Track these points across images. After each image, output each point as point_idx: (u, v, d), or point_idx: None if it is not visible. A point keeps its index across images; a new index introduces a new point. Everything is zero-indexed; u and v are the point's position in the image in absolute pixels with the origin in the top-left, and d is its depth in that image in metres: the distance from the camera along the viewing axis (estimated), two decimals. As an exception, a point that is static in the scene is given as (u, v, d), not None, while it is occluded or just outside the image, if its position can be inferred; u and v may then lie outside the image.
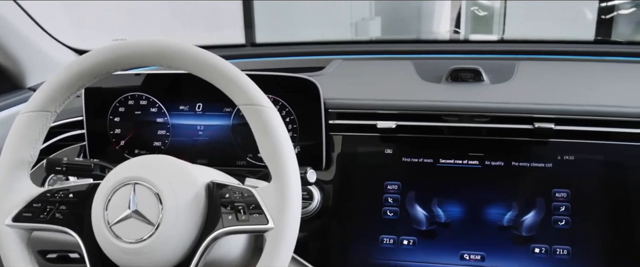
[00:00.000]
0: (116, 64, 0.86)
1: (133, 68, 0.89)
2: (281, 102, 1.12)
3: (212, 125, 1.16)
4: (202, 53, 0.83)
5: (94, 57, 0.85)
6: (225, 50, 1.46)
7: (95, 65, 0.85)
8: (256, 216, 0.80)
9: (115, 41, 0.87)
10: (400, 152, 1.11)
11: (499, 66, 1.21)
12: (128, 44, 0.85)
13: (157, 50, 0.83)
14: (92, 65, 0.85)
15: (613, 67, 1.28)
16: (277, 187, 0.80)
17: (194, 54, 0.83)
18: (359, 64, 1.33)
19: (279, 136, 0.81)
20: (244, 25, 3.58)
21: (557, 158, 1.06)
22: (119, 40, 0.89)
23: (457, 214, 1.08)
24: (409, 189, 1.10)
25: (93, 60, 0.85)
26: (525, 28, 4.49)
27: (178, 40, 0.83)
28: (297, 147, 1.13)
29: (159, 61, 0.84)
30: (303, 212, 1.10)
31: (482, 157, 1.09)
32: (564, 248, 1.04)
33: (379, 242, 1.10)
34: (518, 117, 1.07)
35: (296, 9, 4.20)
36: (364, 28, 4.56)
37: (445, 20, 5.01)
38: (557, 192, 1.05)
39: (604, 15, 3.73)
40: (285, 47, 1.49)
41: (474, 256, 1.06)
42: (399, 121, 1.10)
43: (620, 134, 1.05)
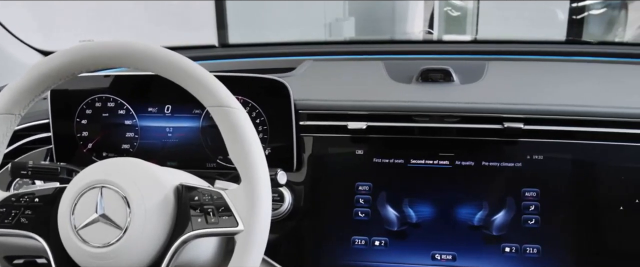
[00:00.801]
0: (82, 66, 0.85)
1: (99, 70, 0.89)
2: (251, 103, 1.12)
3: (181, 127, 1.16)
4: (169, 54, 0.82)
5: (59, 59, 0.85)
6: (195, 51, 1.46)
7: (60, 67, 0.85)
8: (226, 219, 0.80)
9: (82, 42, 0.87)
10: (371, 153, 1.12)
11: (469, 66, 1.23)
12: (94, 45, 0.84)
13: (123, 52, 0.83)
14: (58, 67, 0.85)
15: (583, 67, 1.30)
16: (247, 189, 0.80)
17: (161, 55, 0.82)
18: (329, 64, 1.34)
19: (247, 138, 0.81)
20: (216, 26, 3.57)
21: (527, 157, 1.08)
22: (85, 41, 0.88)
23: (428, 214, 1.10)
24: (380, 189, 1.11)
25: (58, 61, 0.85)
26: (498, 28, 4.54)
27: (144, 41, 0.83)
28: (267, 148, 1.13)
29: (125, 63, 0.84)
30: (274, 213, 1.10)
31: (453, 157, 1.10)
32: (534, 247, 1.05)
33: (351, 243, 1.10)
34: (487, 117, 1.09)
35: (269, 10, 4.19)
36: (338, 29, 4.57)
37: (418, 20, 5.05)
38: (526, 192, 1.07)
39: (575, 16, 3.78)
40: (256, 48, 1.49)
41: (445, 255, 1.08)
42: (369, 122, 1.11)
43: (589, 133, 1.07)
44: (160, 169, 0.88)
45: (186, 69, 0.82)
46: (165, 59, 0.82)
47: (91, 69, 0.86)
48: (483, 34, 4.67)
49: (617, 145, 1.05)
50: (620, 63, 1.32)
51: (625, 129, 1.05)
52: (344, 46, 1.45)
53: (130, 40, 0.83)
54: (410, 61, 1.29)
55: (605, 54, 1.37)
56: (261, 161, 0.81)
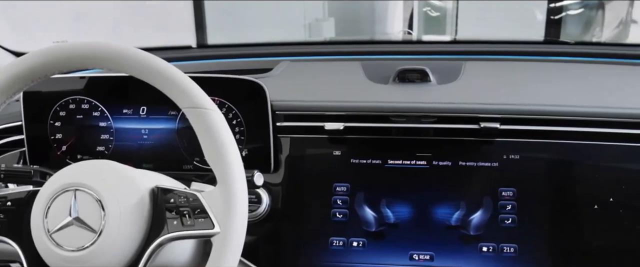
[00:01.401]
0: (55, 67, 0.85)
1: (73, 71, 0.88)
2: (227, 104, 1.12)
3: (157, 128, 1.16)
4: (143, 55, 0.82)
5: (32, 60, 0.84)
6: (171, 52, 1.45)
7: (32, 68, 0.84)
8: (202, 221, 0.80)
9: (55, 43, 0.86)
10: (349, 154, 1.13)
11: (446, 66, 1.24)
12: (67, 47, 0.83)
13: (96, 53, 0.82)
14: (30, 68, 0.84)
15: (560, 67, 1.32)
16: (223, 191, 0.80)
17: (135, 56, 0.82)
18: (307, 65, 1.34)
19: (223, 139, 0.81)
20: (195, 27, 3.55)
21: (503, 157, 1.09)
22: (59, 42, 0.88)
23: (406, 215, 1.10)
24: (357, 190, 1.12)
25: (30, 62, 0.84)
26: (478, 28, 4.57)
27: (118, 43, 0.83)
28: (244, 150, 1.13)
29: (99, 64, 0.83)
30: (251, 215, 1.10)
31: (430, 158, 1.11)
32: (511, 246, 1.06)
33: (329, 244, 1.11)
34: (464, 117, 1.10)
35: (249, 10, 4.19)
36: (318, 29, 4.58)
37: (398, 21, 5.06)
38: (503, 191, 1.08)
39: (553, 16, 3.82)
40: (233, 48, 1.49)
41: (423, 256, 1.08)
42: (346, 123, 1.12)
43: (565, 133, 1.08)
44: (136, 171, 0.87)
45: (160, 70, 0.82)
46: (139, 60, 0.82)
47: (64, 71, 0.86)
48: (462, 34, 4.70)
49: (593, 144, 1.07)
50: (597, 63, 1.34)
51: (600, 129, 1.07)
52: (322, 47, 1.46)
53: (103, 41, 0.83)
54: (387, 62, 1.30)
55: (583, 54, 1.39)
56: (237, 163, 0.81)
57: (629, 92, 1.15)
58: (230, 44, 1.56)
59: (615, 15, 4.54)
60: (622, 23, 4.54)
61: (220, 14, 3.94)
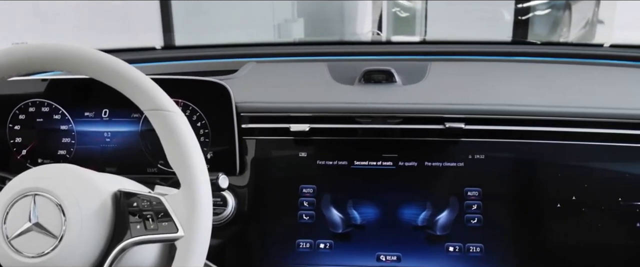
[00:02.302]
0: (12, 69, 0.84)
1: (31, 73, 0.87)
2: (191, 106, 1.12)
3: (120, 131, 1.15)
4: (103, 57, 0.82)
5: (-11, 62, 0.83)
6: (134, 53, 1.44)
7: (-10, 70, 0.83)
8: (165, 225, 0.80)
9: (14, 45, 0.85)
10: (315, 155, 1.13)
11: (411, 67, 1.25)
12: (24, 48, 0.83)
13: (55, 55, 0.82)
14: (-13, 71, 0.83)
15: (526, 67, 1.34)
16: (187, 194, 0.80)
17: (94, 57, 0.81)
18: (272, 66, 1.34)
19: (186, 142, 0.81)
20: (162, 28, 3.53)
21: (469, 157, 1.10)
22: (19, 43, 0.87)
23: (373, 216, 1.11)
24: (324, 192, 1.12)
25: (-12, 65, 0.83)
26: (447, 29, 4.62)
27: (77, 44, 0.82)
28: (209, 152, 1.13)
29: (58, 66, 0.83)
30: (217, 218, 1.10)
31: (396, 158, 1.12)
32: (477, 246, 1.08)
33: (296, 247, 1.11)
34: (429, 118, 1.11)
35: (217, 11, 4.18)
36: (287, 30, 4.58)
37: (367, 21, 5.10)
38: (469, 191, 1.10)
39: (521, 17, 3.88)
40: (199, 49, 1.48)
41: (390, 256, 1.09)
42: (312, 124, 1.12)
43: (528, 133, 1.10)
44: (97, 175, 0.87)
45: (120, 72, 0.82)
46: (99, 62, 0.81)
47: (23, 73, 0.85)
48: (432, 34, 4.75)
49: (556, 143, 1.09)
50: (563, 63, 1.36)
51: (563, 128, 1.08)
52: (287, 48, 1.46)
53: (63, 42, 0.82)
54: (353, 62, 1.30)
55: (549, 54, 1.41)
56: (200, 165, 0.81)
57: (593, 92, 1.17)
58: (196, 45, 1.55)
59: (582, 16, 4.62)
60: (588, 23, 4.63)
61: (188, 15, 3.93)
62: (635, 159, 1.07)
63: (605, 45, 1.44)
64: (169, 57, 1.43)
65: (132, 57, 1.38)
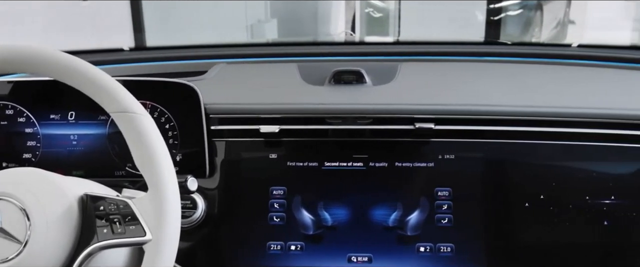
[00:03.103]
0: None
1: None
2: (160, 108, 1.11)
3: (86, 134, 1.14)
4: (67, 58, 0.81)
5: (-49, 64, 0.82)
6: (102, 55, 1.43)
7: (-48, 73, 0.82)
8: (133, 228, 0.79)
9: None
10: (285, 157, 1.13)
11: (381, 68, 1.26)
12: None
13: (17, 56, 0.81)
14: (-52, 73, 0.82)
15: (496, 67, 1.35)
16: (154, 197, 0.80)
17: (58, 59, 0.81)
18: (242, 67, 1.34)
19: (153, 144, 0.81)
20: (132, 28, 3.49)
21: (439, 157, 1.11)
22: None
23: (344, 217, 1.11)
24: (295, 193, 1.12)
25: (-51, 67, 0.82)
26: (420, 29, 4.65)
27: (41, 45, 0.81)
28: (178, 154, 1.12)
29: (21, 68, 0.82)
30: (187, 221, 1.10)
31: (366, 159, 1.12)
32: (448, 246, 1.09)
33: (266, 249, 1.11)
34: (399, 118, 1.11)
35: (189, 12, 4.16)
36: (260, 30, 4.57)
37: (341, 22, 5.11)
38: (439, 191, 1.11)
39: (493, 17, 3.91)
40: (167, 51, 1.48)
41: (361, 257, 1.10)
42: (282, 125, 1.12)
43: (497, 132, 1.11)
44: (63, 178, 0.86)
45: (85, 74, 0.81)
46: (63, 64, 0.81)
47: (-17, 75, 0.84)
48: (406, 35, 4.78)
49: (524, 143, 1.10)
50: (533, 63, 1.38)
51: (531, 128, 1.10)
52: (257, 48, 1.45)
53: (26, 43, 0.81)
54: (323, 63, 1.31)
55: (520, 54, 1.43)
56: (168, 168, 0.81)
57: (560, 92, 1.19)
58: (165, 46, 1.54)
59: (554, 16, 4.68)
60: (560, 23, 4.69)
61: (160, 16, 3.90)
62: (602, 158, 1.10)
63: (573, 45, 1.46)
64: (138, 59, 1.42)
65: (100, 58, 1.36)
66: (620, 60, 1.35)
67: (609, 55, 1.36)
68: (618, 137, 1.09)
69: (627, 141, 1.09)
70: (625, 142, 1.09)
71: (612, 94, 1.19)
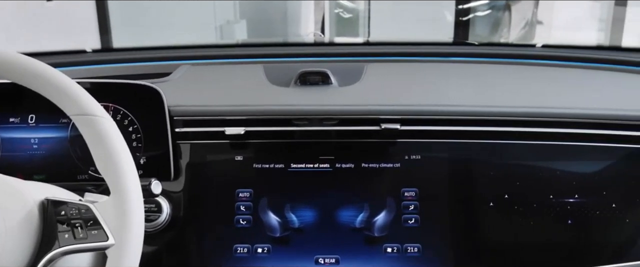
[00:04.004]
0: None
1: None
2: (123, 110, 1.11)
3: (47, 138, 1.12)
4: (26, 60, 0.80)
5: None
6: (65, 56, 1.41)
7: None
8: (95, 233, 0.78)
9: None
10: (251, 159, 1.13)
11: (347, 68, 1.26)
12: None
13: None
14: None
15: (462, 67, 1.36)
16: (116, 201, 0.79)
17: (17, 61, 0.80)
18: (207, 68, 1.33)
19: (115, 147, 0.80)
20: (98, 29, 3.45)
21: (405, 158, 1.12)
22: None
23: (311, 219, 1.12)
24: (261, 195, 1.12)
25: None
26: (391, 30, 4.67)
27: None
28: (142, 157, 1.12)
29: None
30: (152, 225, 1.09)
31: (333, 160, 1.13)
32: (415, 246, 1.10)
33: (233, 252, 1.11)
34: (365, 119, 1.12)
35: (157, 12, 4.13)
36: (229, 31, 4.56)
37: (310, 23, 5.12)
38: (406, 192, 1.11)
39: (461, 18, 3.95)
40: (132, 52, 1.47)
41: (329, 259, 1.10)
42: (247, 127, 1.12)
43: (462, 132, 1.12)
44: (23, 183, 0.85)
45: (44, 76, 0.80)
46: (22, 66, 0.80)
47: (-61, 78, 0.83)
48: (375, 36, 4.80)
49: (488, 143, 1.12)
50: (499, 63, 1.40)
51: (495, 127, 1.12)
52: (223, 49, 1.45)
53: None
54: (290, 64, 1.31)
55: (486, 54, 1.45)
56: (130, 171, 0.81)
57: (525, 92, 1.21)
58: (129, 47, 1.53)
59: (522, 16, 4.75)
60: (528, 24, 4.76)
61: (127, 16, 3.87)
62: (565, 157, 1.11)
63: (538, 45, 1.48)
64: (101, 60, 1.40)
65: (61, 60, 1.35)
66: (583, 60, 1.37)
67: (572, 56, 1.38)
68: (580, 136, 1.11)
69: (590, 140, 1.11)
70: (587, 141, 1.11)
71: (575, 94, 1.22)
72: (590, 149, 1.12)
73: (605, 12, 4.58)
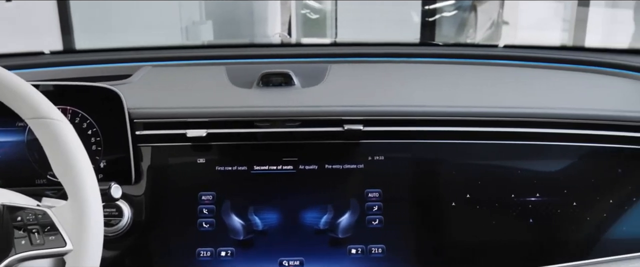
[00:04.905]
0: None
1: None
2: (81, 113, 1.09)
3: (4, 141, 1.11)
4: None
5: None
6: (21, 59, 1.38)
7: None
8: (52, 239, 0.78)
9: None
10: (213, 161, 1.13)
11: (310, 70, 1.27)
12: None
13: None
14: None
15: (426, 68, 1.37)
16: (74, 206, 0.79)
17: None
18: (168, 70, 1.32)
19: (72, 151, 0.79)
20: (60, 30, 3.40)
21: (368, 159, 1.13)
22: None
23: (275, 221, 1.12)
24: (224, 198, 1.12)
25: None
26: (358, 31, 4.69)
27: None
28: (102, 161, 1.11)
29: None
30: (113, 229, 1.08)
31: (296, 162, 1.13)
32: (379, 247, 1.11)
33: (196, 256, 1.10)
34: (328, 120, 1.13)
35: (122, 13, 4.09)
36: (195, 32, 4.54)
37: (278, 23, 5.12)
38: (369, 193, 1.12)
39: (428, 18, 3.98)
40: (91, 54, 1.45)
41: (293, 261, 1.11)
42: (209, 129, 1.12)
43: (425, 133, 1.13)
44: (-22, 189, 0.84)
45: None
46: None
47: None
48: (343, 36, 4.82)
49: (450, 143, 1.13)
50: (462, 63, 1.41)
51: (457, 127, 1.13)
52: (185, 51, 1.44)
53: None
54: (252, 65, 1.31)
55: (449, 55, 1.46)
56: (88, 175, 0.80)
57: (487, 92, 1.22)
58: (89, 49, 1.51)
59: (488, 17, 4.81)
60: (494, 24, 4.83)
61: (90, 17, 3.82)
62: (526, 157, 1.13)
63: (500, 45, 1.50)
64: (60, 62, 1.38)
65: (18, 62, 1.32)
66: (546, 60, 1.39)
67: (535, 56, 1.40)
68: (542, 135, 1.13)
69: (551, 139, 1.13)
70: (548, 140, 1.13)
71: (537, 94, 1.23)
72: (551, 148, 1.14)
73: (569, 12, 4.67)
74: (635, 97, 1.26)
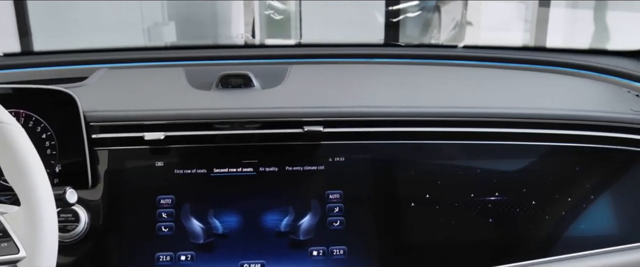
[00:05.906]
0: None
1: None
2: (35, 117, 1.08)
3: None
4: None
5: None
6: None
7: None
8: (5, 246, 0.77)
9: None
10: (172, 164, 1.12)
11: (270, 71, 1.27)
12: None
13: None
14: None
15: (387, 68, 1.39)
16: (27, 211, 0.77)
17: None
18: (125, 72, 1.31)
19: (23, 155, 0.78)
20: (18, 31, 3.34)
21: (329, 160, 1.13)
22: None
23: (235, 224, 1.11)
24: (183, 202, 1.11)
25: None
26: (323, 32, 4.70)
27: None
28: (58, 165, 1.09)
29: None
30: (69, 235, 1.07)
31: (256, 164, 1.13)
32: (340, 248, 1.11)
33: (155, 260, 1.09)
34: (288, 122, 1.13)
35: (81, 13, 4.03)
36: (158, 33, 4.50)
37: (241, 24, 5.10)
38: (330, 194, 1.12)
39: (392, 19, 4.00)
40: (46, 56, 1.43)
41: (254, 264, 1.10)
42: (167, 132, 1.11)
43: (384, 134, 1.14)
44: None
45: None
46: None
47: None
48: (308, 37, 4.83)
49: (409, 143, 1.14)
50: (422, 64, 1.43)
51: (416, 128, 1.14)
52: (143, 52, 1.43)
53: None
54: (211, 67, 1.30)
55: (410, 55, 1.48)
56: (41, 180, 0.79)
57: (446, 92, 1.24)
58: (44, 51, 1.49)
59: (451, 18, 4.87)
60: (457, 25, 4.88)
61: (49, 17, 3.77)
62: (485, 156, 1.15)
63: (459, 46, 1.53)
64: (14, 64, 1.36)
65: (-31, 65, 1.31)
66: (507, 60, 1.42)
67: (495, 56, 1.43)
68: (501, 135, 1.15)
69: (510, 139, 1.15)
70: (508, 140, 1.15)
71: (496, 93, 1.26)
72: (510, 147, 1.15)
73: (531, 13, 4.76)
74: (594, 96, 1.29)
